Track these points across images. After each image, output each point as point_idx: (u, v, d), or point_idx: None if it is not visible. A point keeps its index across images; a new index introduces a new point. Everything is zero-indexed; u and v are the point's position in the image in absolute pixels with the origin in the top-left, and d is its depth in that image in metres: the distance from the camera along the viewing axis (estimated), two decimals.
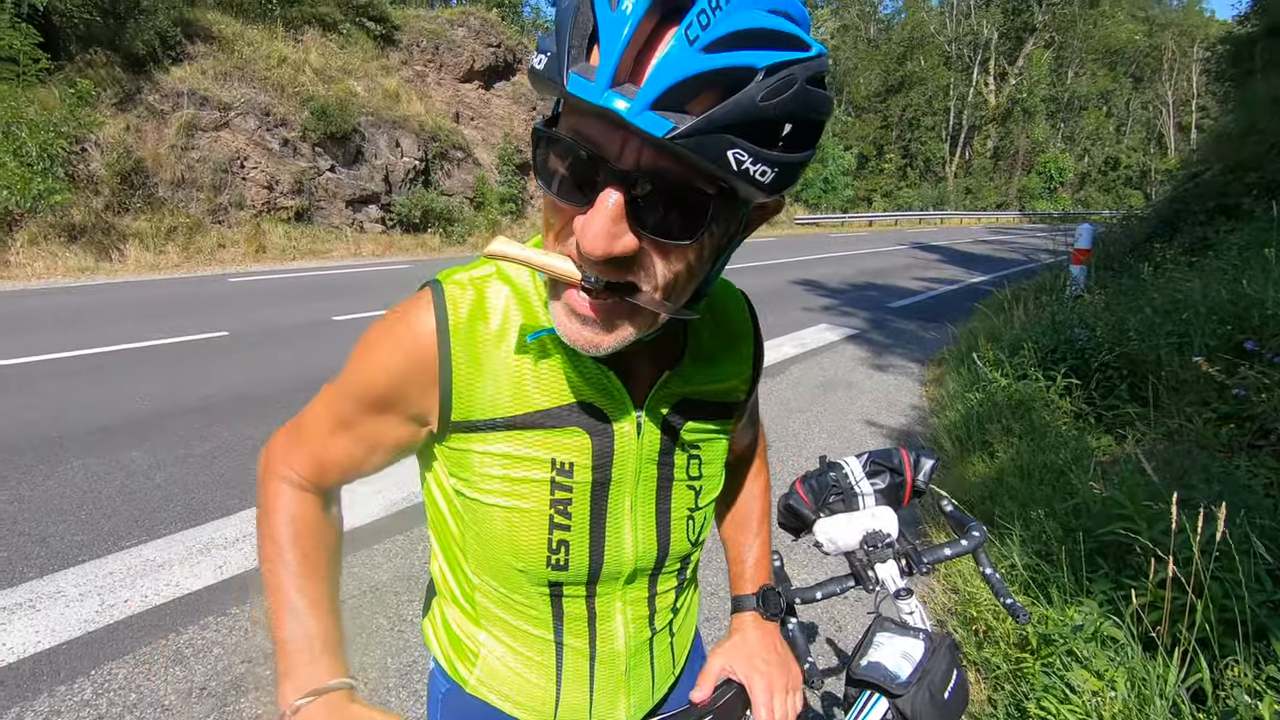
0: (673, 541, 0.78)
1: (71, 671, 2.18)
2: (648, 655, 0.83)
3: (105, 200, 11.03)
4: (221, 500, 3.31)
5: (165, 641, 2.34)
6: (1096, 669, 1.99)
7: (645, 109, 0.47)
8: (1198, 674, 1.83)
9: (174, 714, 2.04)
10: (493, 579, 0.75)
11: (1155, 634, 1.96)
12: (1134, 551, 2.31)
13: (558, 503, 0.70)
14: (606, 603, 0.78)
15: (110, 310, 7.49)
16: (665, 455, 0.75)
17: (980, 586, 2.66)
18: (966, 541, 1.39)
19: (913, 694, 1.16)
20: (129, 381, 4.97)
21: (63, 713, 2.01)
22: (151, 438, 4.01)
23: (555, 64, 0.50)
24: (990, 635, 2.42)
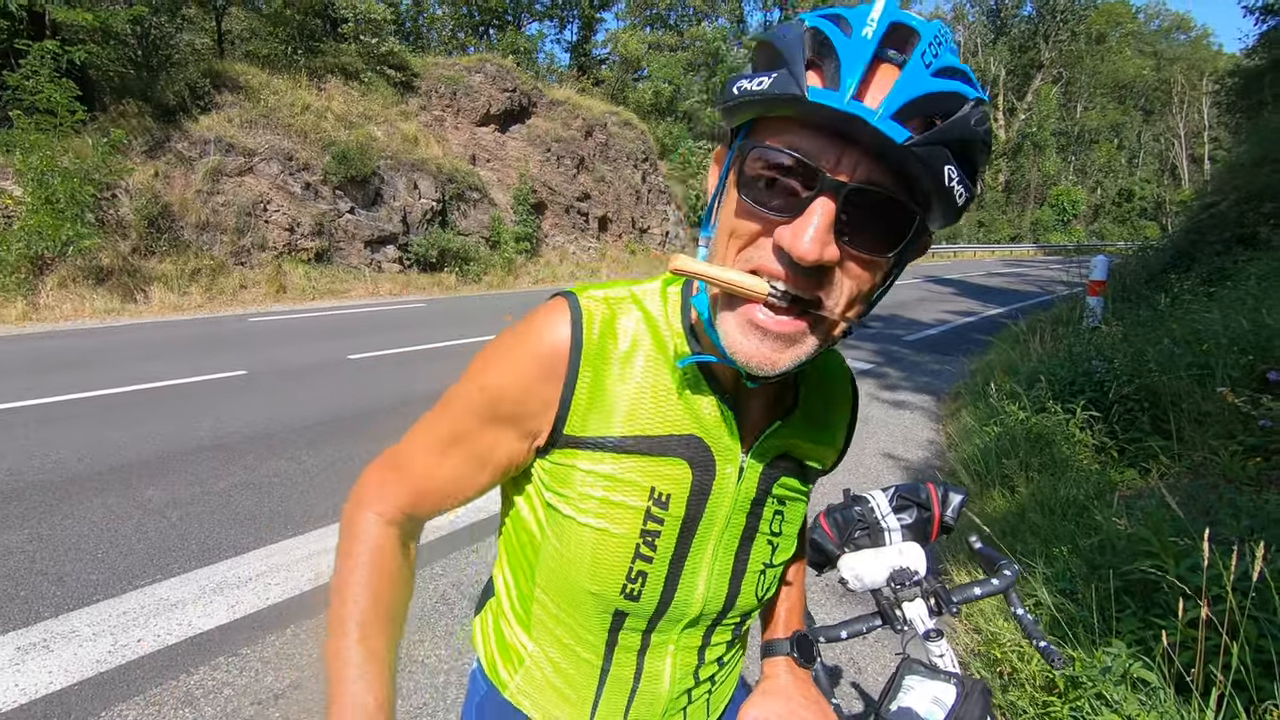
0: (742, 593, 0.78)
1: (82, 713, 2.16)
2: (685, 703, 0.83)
3: (132, 244, 11.34)
4: (236, 539, 3.31)
5: (176, 682, 2.32)
6: (1128, 713, 1.91)
7: (887, 116, 0.52)
8: (1235, 719, 1.76)
9: None
10: (559, 595, 0.76)
11: (1189, 677, 1.89)
12: (1161, 589, 2.24)
13: (647, 533, 0.71)
14: (661, 643, 0.78)
15: (133, 350, 7.63)
16: (756, 505, 0.76)
17: (1004, 626, 2.59)
18: (998, 581, 1.34)
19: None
20: (148, 420, 5.04)
21: None
22: (169, 476, 4.04)
23: (789, 80, 0.54)
24: (1015, 678, 2.35)
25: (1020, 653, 2.41)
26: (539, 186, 19.07)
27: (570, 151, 19.99)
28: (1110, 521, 2.75)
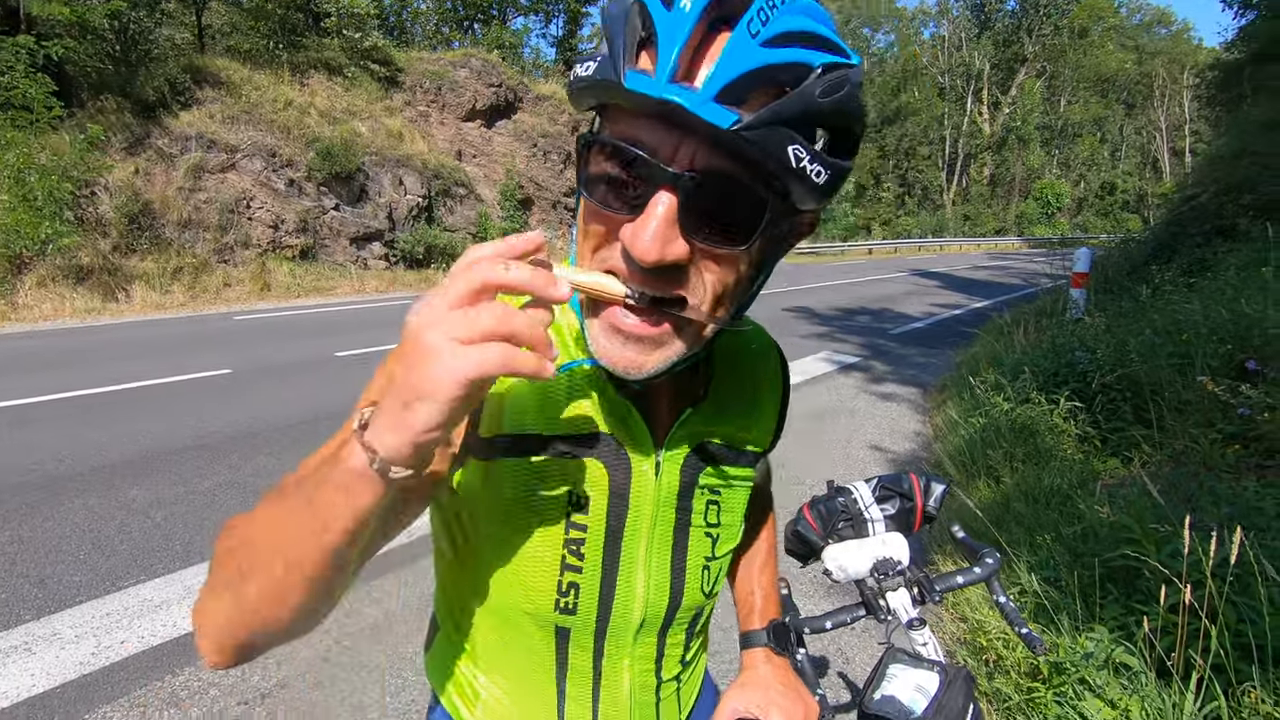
0: (686, 591, 0.75)
1: (65, 715, 2.14)
2: (653, 706, 0.80)
3: (113, 242, 11.18)
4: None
5: (161, 684, 2.30)
6: (1110, 698, 1.94)
7: (709, 100, 0.47)
8: (1214, 701, 1.78)
9: None
10: (498, 621, 0.73)
11: (1169, 661, 1.91)
12: (1143, 576, 2.27)
13: (571, 541, 0.68)
14: (614, 659, 0.75)
15: (115, 350, 7.53)
16: (684, 500, 0.72)
17: (989, 614, 2.61)
18: (980, 569, 1.36)
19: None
20: (131, 420, 4.98)
21: None
22: (152, 476, 4.00)
23: (608, 66, 0.50)
24: (1000, 665, 2.37)
25: (1005, 640, 2.44)
26: (525, 182, 18.99)
27: (557, 147, 19.91)
28: (1093, 510, 2.78)
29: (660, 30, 0.49)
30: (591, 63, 0.53)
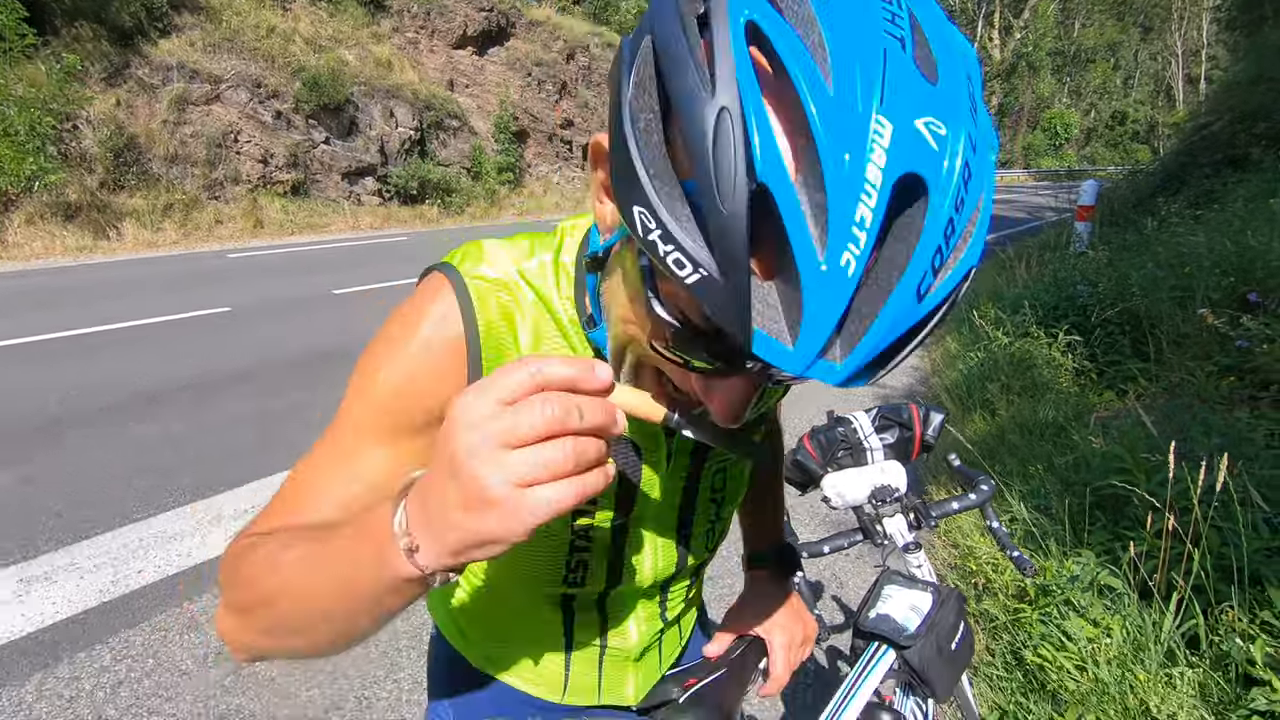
0: (692, 553, 0.76)
1: (89, 640, 2.23)
2: (657, 644, 0.84)
3: (100, 178, 10.95)
4: (230, 473, 3.34)
5: (180, 610, 2.39)
6: (1093, 617, 2.02)
7: (847, 376, 0.39)
8: (1193, 620, 1.86)
9: (191, 678, 2.09)
10: (504, 585, 0.73)
11: (1152, 583, 1.98)
12: (1132, 504, 2.33)
13: (577, 529, 0.67)
14: (618, 614, 0.77)
15: (109, 288, 7.48)
16: (692, 477, 0.72)
17: (980, 541, 2.69)
18: (975, 495, 1.39)
19: (920, 645, 1.18)
20: (133, 359, 4.99)
21: (82, 678, 2.07)
22: (157, 413, 4.04)
23: (727, 302, 0.37)
24: (989, 588, 2.46)
25: (995, 565, 2.52)
26: (520, 113, 18.45)
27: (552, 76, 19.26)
28: (1086, 441, 2.83)
29: (807, 290, 0.36)
30: (691, 266, 0.37)
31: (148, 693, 2.03)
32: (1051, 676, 1.91)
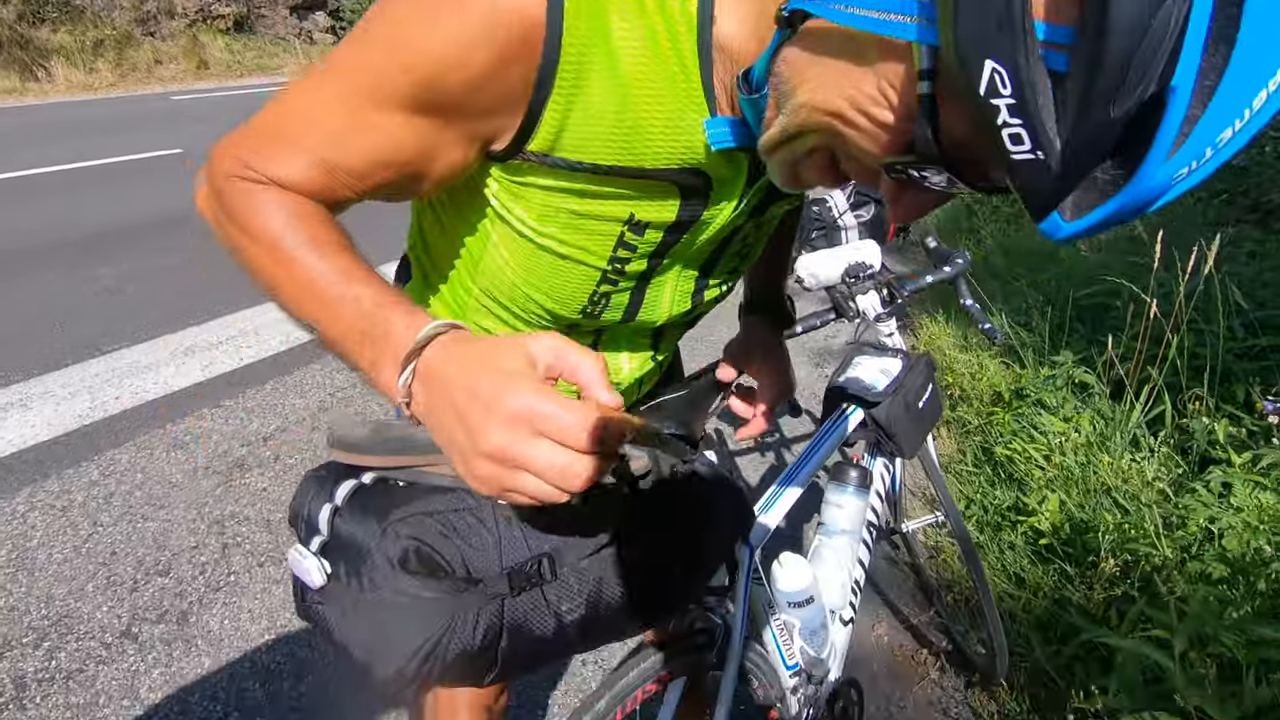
0: (704, 303, 0.75)
1: (75, 458, 2.23)
2: (638, 383, 0.82)
3: (16, 9, 9.84)
4: (199, 308, 3.25)
5: (163, 431, 2.39)
6: (1064, 415, 2.08)
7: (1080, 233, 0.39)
8: (1161, 407, 1.92)
9: (182, 489, 2.13)
10: (505, 301, 0.68)
11: (1125, 376, 2.02)
12: (1113, 311, 2.34)
13: (616, 260, 0.62)
14: (614, 342, 0.75)
15: (48, 131, 6.95)
16: (736, 231, 0.68)
17: (956, 356, 2.73)
18: (949, 268, 1.37)
19: (888, 403, 1.19)
20: (82, 200, 4.71)
21: (73, 491, 2.09)
22: (117, 253, 3.86)
23: (1041, 188, 0.36)
24: (964, 396, 2.52)
25: (971, 375, 2.57)
26: None
27: None
28: (1074, 253, 2.80)
29: (1128, 191, 0.34)
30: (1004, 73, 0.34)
31: (139, 502, 2.07)
32: (1019, 467, 1.99)
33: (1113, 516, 1.65)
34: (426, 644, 0.58)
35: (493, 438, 0.41)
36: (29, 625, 1.67)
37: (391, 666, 0.58)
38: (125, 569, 1.84)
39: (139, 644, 1.64)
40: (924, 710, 1.55)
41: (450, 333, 0.46)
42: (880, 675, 1.63)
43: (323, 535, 0.60)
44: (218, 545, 1.94)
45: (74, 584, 1.79)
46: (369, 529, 0.59)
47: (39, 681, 1.55)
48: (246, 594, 1.79)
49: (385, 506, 0.60)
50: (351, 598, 0.58)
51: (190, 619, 1.71)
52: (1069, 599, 1.54)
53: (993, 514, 1.93)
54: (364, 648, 0.58)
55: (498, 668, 0.63)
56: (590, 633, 0.65)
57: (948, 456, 2.31)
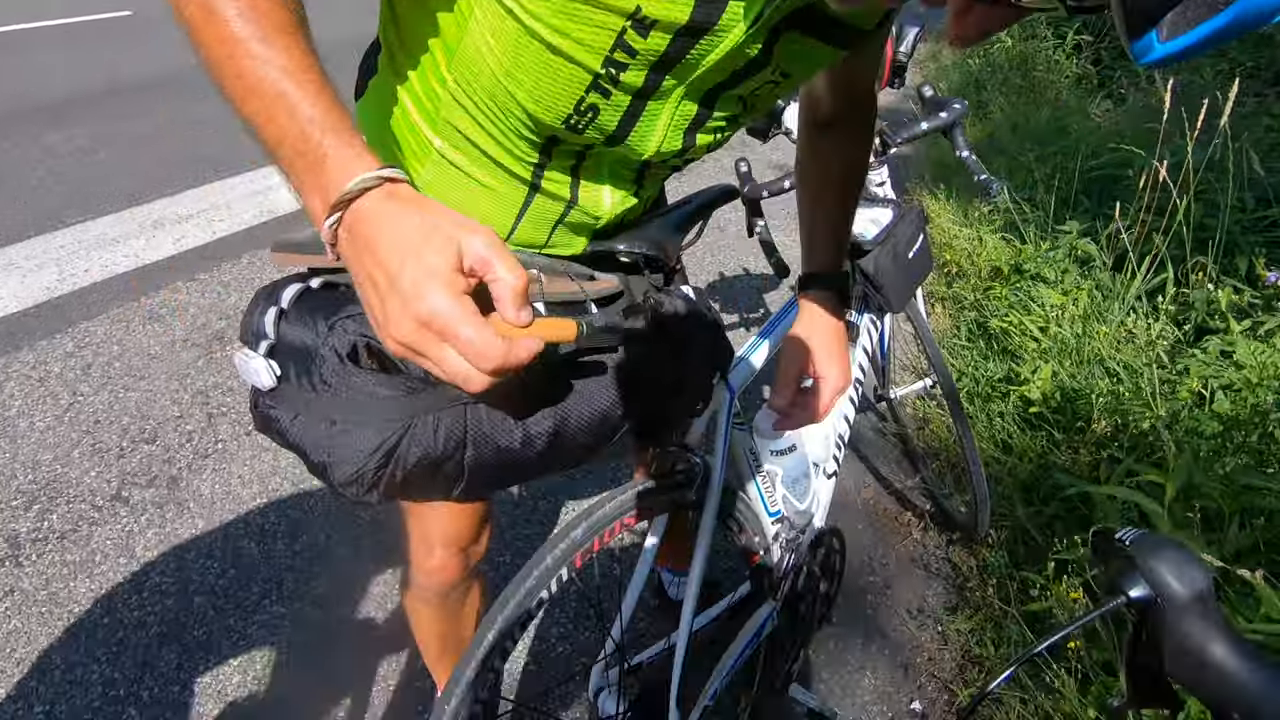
0: (696, 144, 0.67)
1: (47, 330, 2.16)
2: (620, 220, 0.75)
3: None
4: (166, 180, 3.08)
5: (137, 304, 2.31)
6: (1064, 288, 2.04)
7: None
8: (1163, 276, 1.88)
9: (161, 360, 2.08)
10: (480, 97, 0.60)
11: (1129, 245, 1.96)
12: (1121, 182, 2.25)
13: (613, 63, 0.55)
14: (596, 170, 0.68)
15: None
16: (748, 61, 0.59)
17: (956, 232, 2.66)
18: (945, 114, 1.29)
19: (876, 253, 1.15)
20: (26, 65, 4.37)
21: (49, 362, 2.04)
22: (70, 121, 3.62)
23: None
24: (962, 272, 2.47)
25: (969, 253, 2.51)
26: None
27: None
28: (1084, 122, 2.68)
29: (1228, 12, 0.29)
30: None
31: (119, 373, 2.02)
32: (1014, 340, 1.98)
33: (1105, 384, 1.65)
34: (385, 444, 0.57)
35: (404, 333, 0.43)
36: (16, 489, 1.67)
37: (350, 468, 0.56)
38: (110, 437, 1.82)
39: (130, 507, 1.65)
40: (905, 565, 1.61)
41: (385, 187, 0.44)
42: (864, 534, 1.68)
43: (269, 338, 0.58)
44: (203, 415, 1.91)
45: (59, 451, 1.77)
46: (316, 329, 0.57)
47: (33, 541, 1.55)
48: (235, 460, 1.78)
49: (332, 308, 0.58)
50: (303, 399, 0.57)
51: (180, 484, 1.71)
52: (1055, 463, 1.55)
53: (984, 385, 1.93)
54: (320, 449, 0.57)
55: (464, 480, 0.63)
56: (560, 450, 0.63)
57: (942, 331, 2.29)
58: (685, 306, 0.74)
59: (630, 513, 0.86)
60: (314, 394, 0.56)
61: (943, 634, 1.45)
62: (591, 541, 0.82)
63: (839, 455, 1.23)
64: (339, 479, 0.57)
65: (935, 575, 1.59)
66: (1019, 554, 1.51)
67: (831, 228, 0.88)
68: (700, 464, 0.92)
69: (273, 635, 1.39)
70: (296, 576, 1.51)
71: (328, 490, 0.65)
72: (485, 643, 0.75)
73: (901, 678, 1.38)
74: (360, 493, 0.59)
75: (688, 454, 0.93)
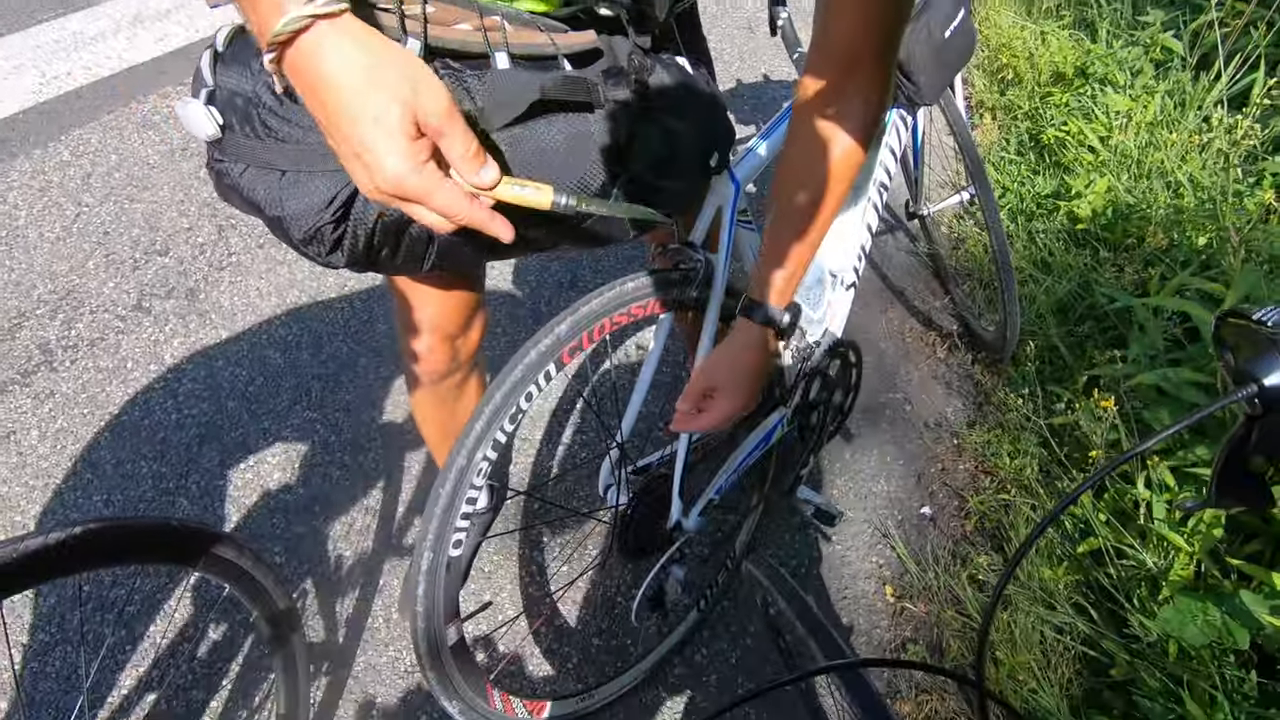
0: None
1: (40, 138, 2.06)
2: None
3: None
4: None
5: (128, 109, 2.17)
6: (1133, 93, 1.84)
7: None
8: (1253, 77, 1.68)
9: (162, 170, 1.99)
10: None
11: (1219, 42, 1.73)
12: None
13: None
14: None
15: None
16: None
17: (1014, 33, 2.37)
18: None
19: (908, 33, 1.00)
20: None
21: (47, 172, 1.96)
22: None
23: None
24: (1018, 79, 2.23)
25: (1030, 52, 2.24)
26: None
27: None
28: None
29: None
30: None
31: (121, 183, 1.95)
32: (1069, 152, 1.82)
33: (1164, 197, 1.53)
34: (338, 197, 0.55)
35: (376, 196, 0.46)
36: (39, 298, 1.67)
37: (304, 222, 0.55)
38: (122, 248, 1.79)
39: (153, 317, 1.65)
40: (926, 382, 1.60)
41: (319, 25, 0.41)
42: (887, 353, 1.66)
43: (208, 85, 0.55)
44: (213, 227, 1.86)
45: (73, 261, 1.75)
46: (251, 69, 0.53)
47: (64, 348, 1.58)
48: (251, 274, 1.76)
49: None
50: (249, 147, 0.55)
51: (199, 295, 1.70)
52: (1096, 281, 1.48)
53: (1029, 201, 1.81)
54: (273, 202, 0.55)
55: (433, 249, 0.61)
56: (536, 221, 0.59)
57: (988, 145, 2.12)
58: (676, 75, 0.66)
59: (620, 310, 0.82)
60: (259, 141, 0.54)
61: (958, 446, 1.48)
62: (579, 337, 0.80)
63: (859, 267, 1.17)
64: (296, 235, 0.56)
65: (956, 393, 1.59)
66: (1046, 372, 1.49)
67: (771, 252, 0.71)
68: (702, 261, 0.87)
69: (306, 438, 1.45)
70: (324, 385, 1.54)
71: (302, 256, 0.64)
72: (473, 434, 0.75)
73: (914, 485, 1.42)
74: (323, 253, 0.58)
75: (690, 250, 0.88)
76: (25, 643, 1.14)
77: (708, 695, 1.14)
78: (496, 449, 0.77)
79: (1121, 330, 1.40)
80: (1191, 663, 0.90)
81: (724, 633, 1.21)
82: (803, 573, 1.30)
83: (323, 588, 1.24)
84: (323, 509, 1.34)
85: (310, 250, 0.58)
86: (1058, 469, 1.29)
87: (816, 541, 1.33)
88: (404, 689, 1.14)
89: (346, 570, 1.27)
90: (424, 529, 0.75)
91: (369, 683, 1.14)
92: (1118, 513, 1.09)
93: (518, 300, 1.75)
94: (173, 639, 1.16)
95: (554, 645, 1.20)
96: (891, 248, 1.91)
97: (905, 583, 1.28)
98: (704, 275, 0.88)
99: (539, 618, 1.23)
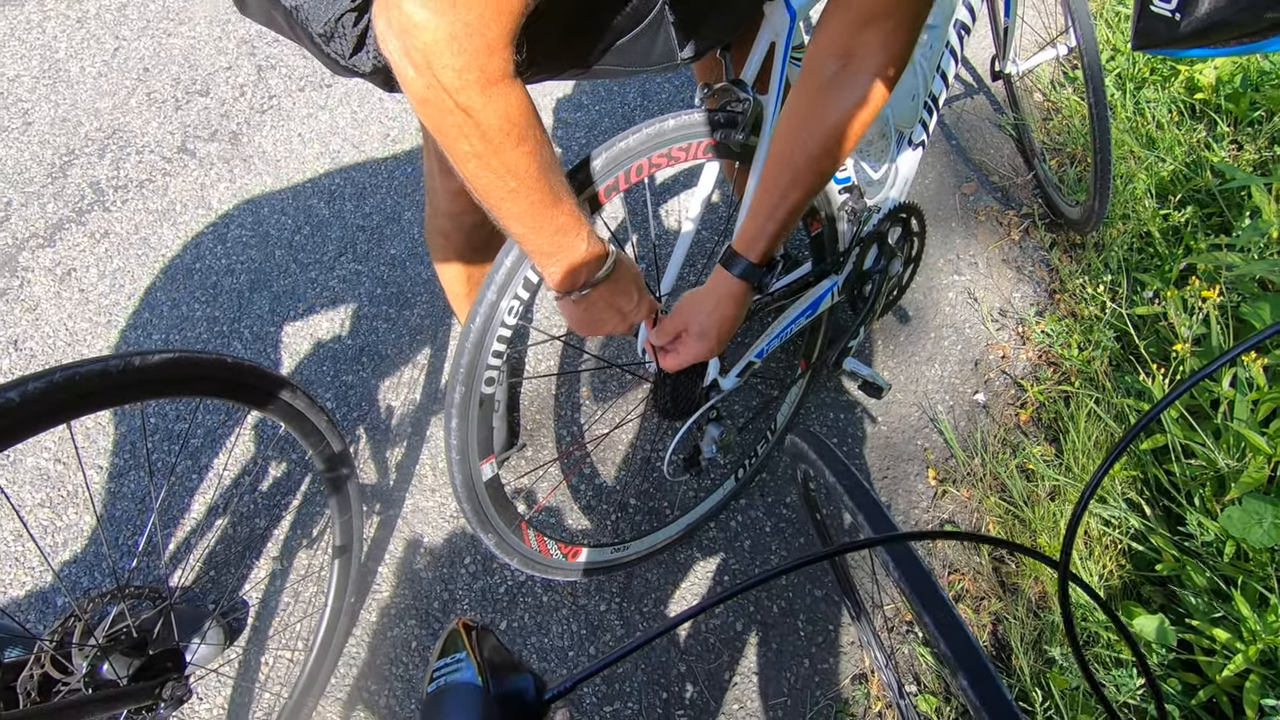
0: None
1: None
2: None
3: None
4: None
5: None
6: None
7: None
8: None
9: (199, 2, 1.89)
10: None
11: None
12: None
13: None
14: None
15: None
16: None
17: None
18: None
19: None
20: None
21: (84, 2, 1.88)
22: None
23: None
24: None
25: None
26: None
27: None
28: None
29: None
30: None
31: (157, 16, 1.87)
32: None
33: None
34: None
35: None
36: (86, 136, 1.65)
37: (325, 12, 0.52)
38: (163, 86, 1.74)
39: (198, 159, 1.63)
40: (996, 265, 1.50)
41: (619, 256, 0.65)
42: (957, 230, 1.55)
43: None
44: (252, 67, 1.79)
45: (116, 99, 1.71)
46: None
47: (114, 189, 1.58)
48: (293, 118, 1.70)
49: None
50: None
51: (242, 139, 1.66)
52: (1207, 160, 1.32)
53: (1140, 67, 1.60)
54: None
55: None
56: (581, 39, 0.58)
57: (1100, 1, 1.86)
58: None
59: (659, 149, 0.76)
60: None
61: (1023, 335, 1.40)
62: (615, 177, 0.74)
63: (930, 123, 1.05)
64: (316, 28, 0.52)
65: (1027, 279, 1.49)
66: (1131, 261, 1.37)
67: (785, 210, 0.68)
68: (750, 101, 0.78)
69: (353, 289, 1.45)
70: (369, 237, 1.52)
71: (325, 66, 0.59)
72: (503, 268, 0.73)
73: (970, 371, 1.37)
74: (346, 53, 0.53)
75: (738, 90, 0.79)
76: (103, 465, 1.22)
77: (740, 558, 1.17)
78: (529, 288, 0.74)
79: (1229, 217, 1.27)
80: (1247, 564, 0.88)
81: (760, 502, 1.22)
82: (844, 451, 1.28)
83: (372, 434, 1.28)
84: (370, 360, 1.36)
85: (332, 50, 0.53)
86: (1128, 364, 1.21)
87: (861, 421, 1.31)
88: (449, 531, 1.19)
89: (395, 419, 1.30)
90: (455, 364, 0.75)
91: (416, 524, 1.20)
92: (1191, 409, 1.02)
93: (558, 140, 1.66)
94: (235, 473, 1.23)
95: (591, 499, 1.24)
96: (970, 113, 1.73)
97: (949, 467, 1.26)
98: (752, 118, 0.79)
99: (574, 468, 1.26)
